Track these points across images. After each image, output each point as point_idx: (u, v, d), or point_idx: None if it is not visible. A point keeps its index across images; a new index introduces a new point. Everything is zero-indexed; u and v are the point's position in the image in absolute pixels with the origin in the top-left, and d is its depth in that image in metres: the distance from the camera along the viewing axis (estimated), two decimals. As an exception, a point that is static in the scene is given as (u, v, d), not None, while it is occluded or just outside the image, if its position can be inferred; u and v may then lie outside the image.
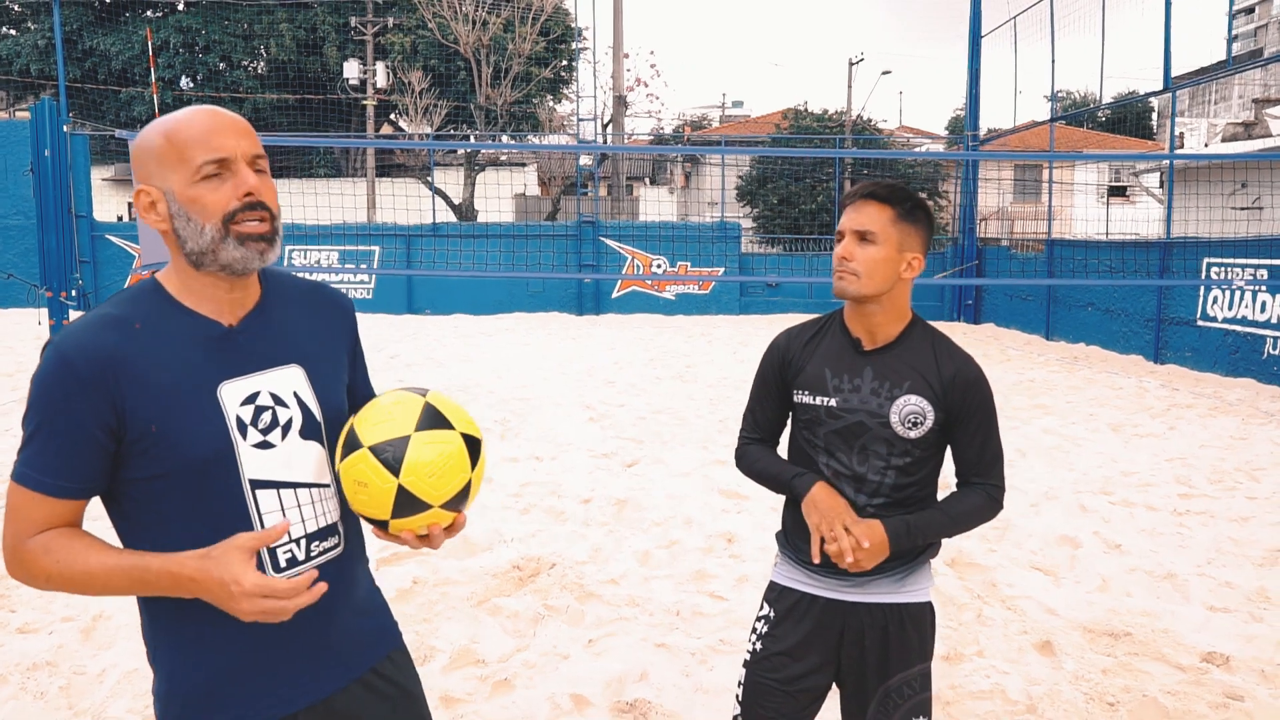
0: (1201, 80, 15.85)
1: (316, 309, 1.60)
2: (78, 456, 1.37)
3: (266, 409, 1.46)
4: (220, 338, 1.45)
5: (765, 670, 2.08)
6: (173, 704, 1.48)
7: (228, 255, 1.40)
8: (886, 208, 1.97)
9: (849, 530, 1.90)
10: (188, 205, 1.38)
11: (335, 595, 1.54)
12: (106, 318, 1.40)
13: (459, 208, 24.46)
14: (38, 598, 4.28)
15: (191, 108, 1.43)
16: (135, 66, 28.61)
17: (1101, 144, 31.34)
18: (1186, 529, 5.25)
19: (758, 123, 33.16)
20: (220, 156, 1.38)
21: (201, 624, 1.44)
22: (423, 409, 1.48)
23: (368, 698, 1.60)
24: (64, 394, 1.35)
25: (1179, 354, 11.89)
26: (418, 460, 1.43)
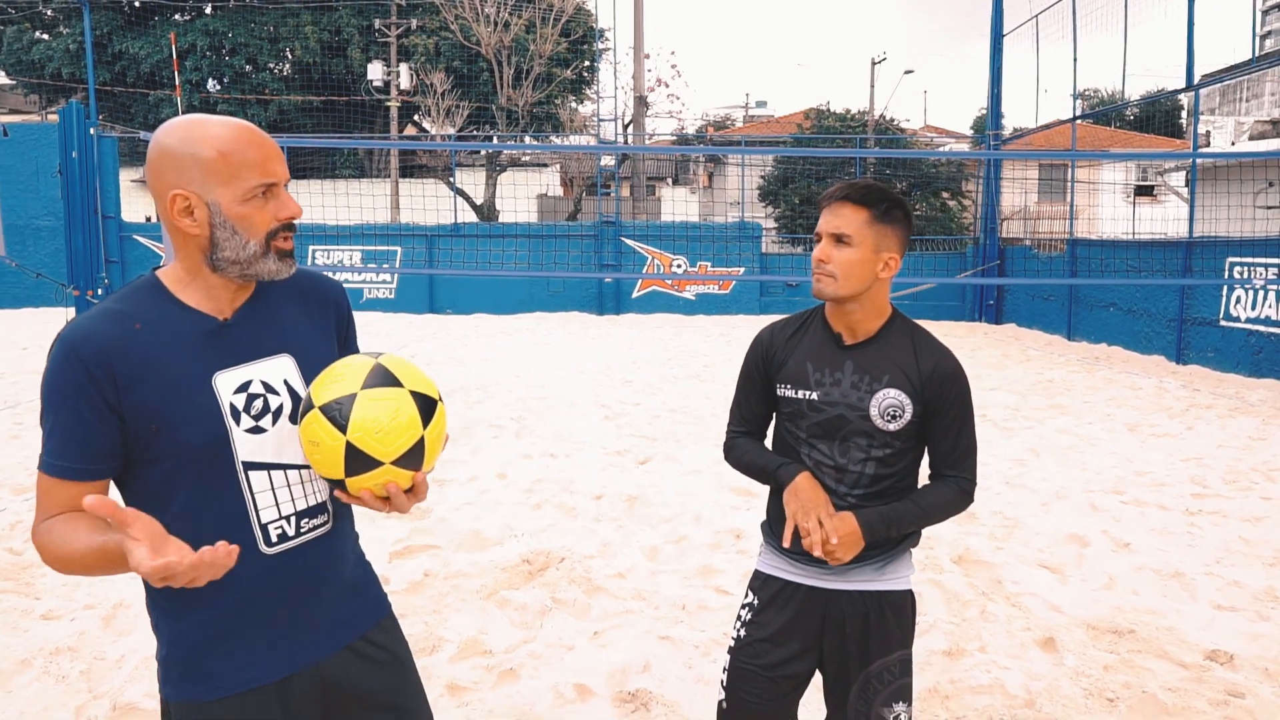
0: (1226, 78, 15.69)
1: (306, 298, 1.68)
2: (88, 439, 1.46)
3: (258, 396, 1.55)
4: (214, 331, 1.54)
5: (748, 656, 2.13)
6: (171, 668, 1.58)
7: (266, 267, 1.52)
8: (862, 210, 2.00)
9: (822, 524, 1.94)
10: (236, 220, 1.49)
11: (324, 569, 1.64)
12: (108, 311, 1.50)
13: (480, 208, 24.63)
14: (61, 585, 4.41)
15: (230, 122, 1.50)
16: (163, 70, 29.02)
17: (1129, 143, 31.03)
18: (1197, 529, 5.24)
19: (780, 122, 33.13)
20: (272, 182, 1.50)
21: (196, 596, 1.53)
22: (371, 368, 1.49)
23: (358, 663, 1.68)
24: (71, 382, 1.44)
25: (1201, 354, 11.79)
26: (364, 417, 1.45)
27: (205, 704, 1.56)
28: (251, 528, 1.54)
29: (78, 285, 8.14)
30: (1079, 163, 20.02)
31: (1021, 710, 3.25)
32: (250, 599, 1.56)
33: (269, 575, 1.57)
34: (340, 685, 1.66)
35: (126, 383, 1.46)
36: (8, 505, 5.60)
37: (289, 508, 1.58)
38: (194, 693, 1.57)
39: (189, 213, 1.49)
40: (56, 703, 3.37)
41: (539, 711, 3.30)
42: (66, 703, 3.36)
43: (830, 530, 1.93)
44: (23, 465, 6.51)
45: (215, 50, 29.60)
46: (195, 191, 1.47)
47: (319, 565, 1.63)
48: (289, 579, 1.59)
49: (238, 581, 1.54)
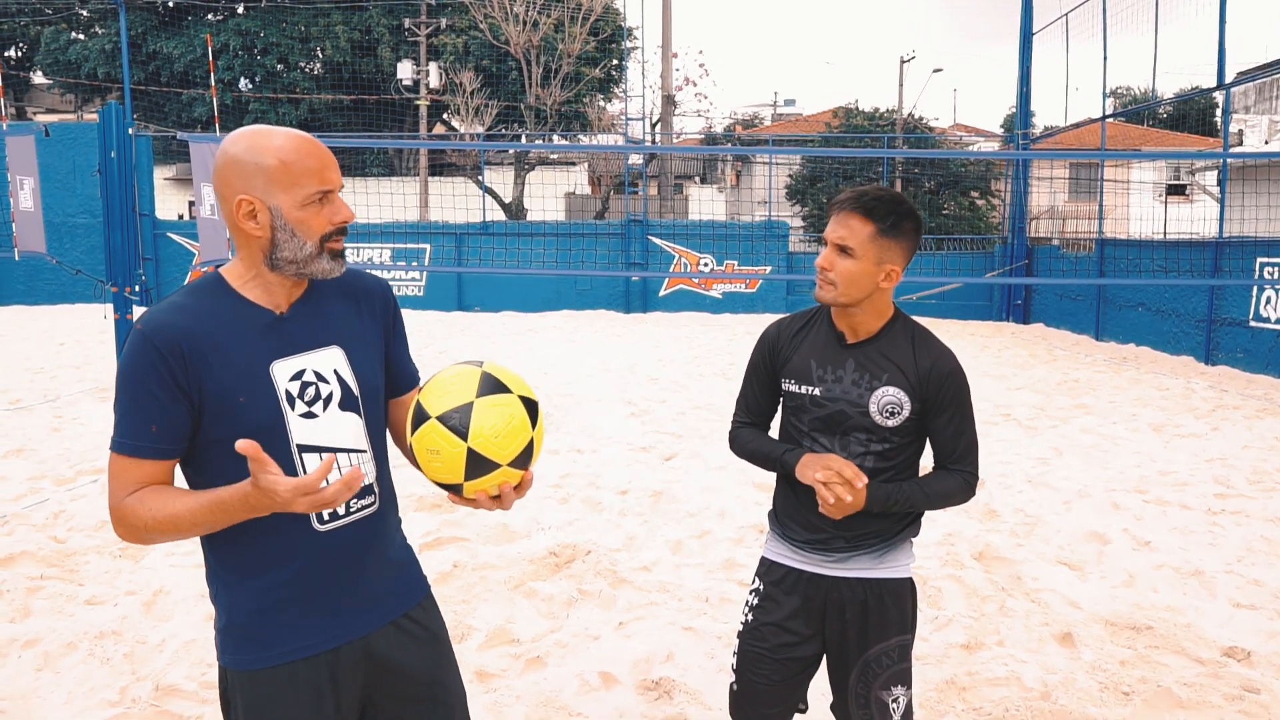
0: (1257, 76, 15.51)
1: (355, 295, 1.82)
2: (163, 421, 1.60)
3: (311, 384, 1.69)
4: (272, 324, 1.68)
5: (756, 640, 2.22)
6: (230, 636, 1.71)
7: (320, 267, 1.67)
8: (869, 223, 2.04)
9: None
10: (295, 224, 1.63)
11: (371, 547, 1.77)
12: (177, 304, 1.65)
13: (509, 206, 24.81)
14: (104, 573, 4.57)
15: (291, 134, 1.65)
16: (196, 69, 29.48)
17: (1161, 141, 30.67)
18: (1219, 528, 5.25)
19: (809, 121, 33.05)
20: (328, 189, 1.65)
21: (254, 568, 1.68)
22: (481, 377, 1.62)
23: (401, 638, 1.80)
24: (146, 367, 1.59)
25: (1231, 355, 11.69)
26: (483, 423, 1.58)
27: (259, 671, 1.69)
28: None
29: (115, 282, 8.34)
30: (1109, 162, 19.86)
31: (1037, 702, 3.31)
32: (304, 572, 1.69)
33: (321, 550, 1.70)
34: (384, 658, 1.78)
35: (195, 368, 1.59)
36: (50, 496, 5.79)
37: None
38: (249, 660, 1.69)
39: (253, 216, 1.63)
40: (102, 683, 3.51)
41: (564, 698, 3.40)
42: (111, 684, 3.51)
43: (852, 474, 1.99)
44: (64, 458, 6.70)
45: (247, 50, 30.02)
46: (259, 197, 1.62)
47: (367, 543, 1.75)
48: (339, 554, 1.72)
49: (292, 555, 1.68)
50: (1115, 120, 20.39)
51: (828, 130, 27.31)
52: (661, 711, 3.30)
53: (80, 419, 8.05)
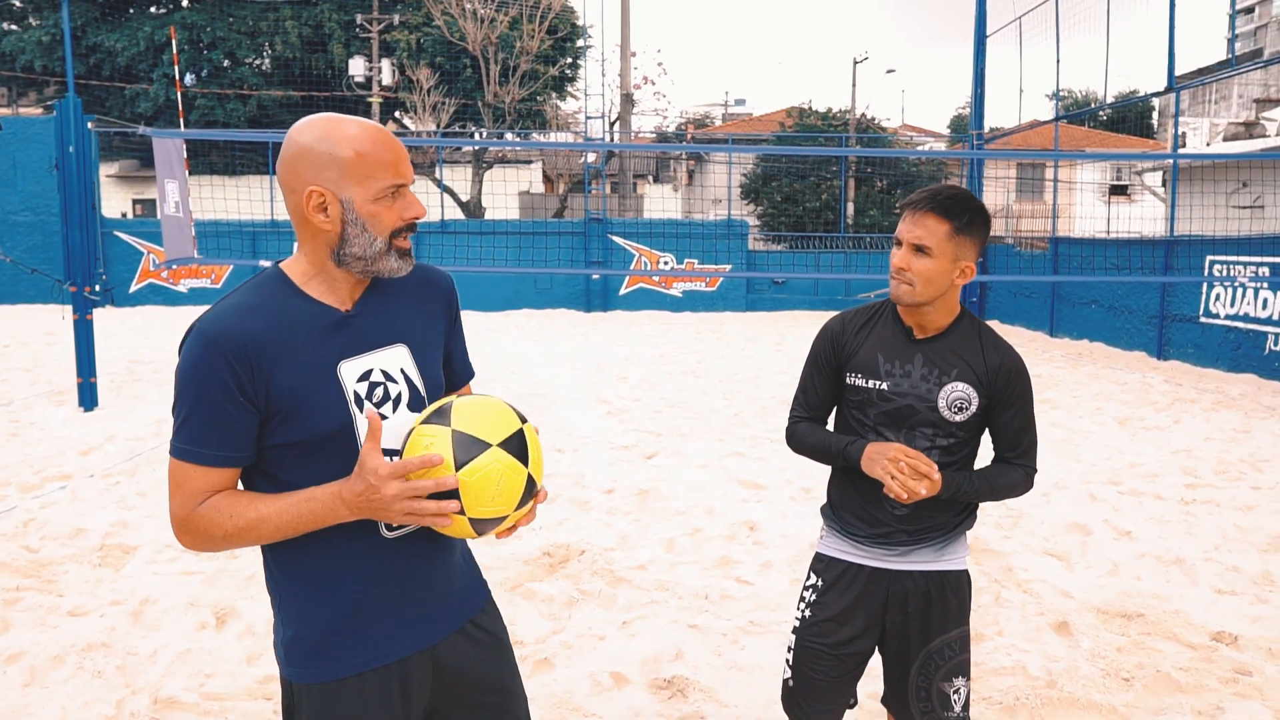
0: (1205, 80, 16.00)
1: (418, 290, 1.75)
2: (231, 429, 1.53)
3: (379, 385, 1.62)
4: (338, 322, 1.61)
5: (814, 635, 2.23)
6: (298, 649, 1.64)
7: (387, 264, 1.60)
8: (944, 222, 2.07)
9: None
10: (367, 218, 1.56)
11: (439, 552, 1.72)
12: (243, 305, 1.56)
13: (466, 205, 24.59)
14: (84, 582, 4.43)
15: (365, 123, 1.58)
16: (140, 63, 28.70)
17: (1103, 143, 31.48)
18: (1193, 517, 5.41)
19: (761, 121, 33.27)
20: (401, 183, 1.59)
21: (323, 579, 1.62)
22: (453, 441, 1.52)
23: (467, 645, 1.76)
24: (213, 374, 1.51)
25: (1182, 350, 12.05)
26: (474, 493, 1.50)
27: (330, 684, 1.63)
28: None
29: (75, 281, 8.10)
30: (1056, 162, 20.32)
31: (1044, 690, 3.37)
32: (374, 581, 1.63)
33: (390, 558, 1.64)
34: (452, 667, 1.73)
35: (265, 374, 1.53)
36: (17, 504, 5.60)
37: None
38: (320, 673, 1.63)
39: (323, 209, 1.56)
40: (96, 698, 3.41)
41: (578, 699, 3.38)
42: (106, 698, 3.40)
43: (928, 466, 2.01)
44: (26, 464, 6.50)
45: (193, 44, 29.31)
46: (330, 189, 1.55)
47: (434, 549, 1.70)
48: (408, 562, 1.66)
49: (363, 564, 1.62)
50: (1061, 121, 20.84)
51: (781, 130, 27.54)
52: (677, 710, 3.30)
53: (38, 423, 7.81)
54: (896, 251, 2.12)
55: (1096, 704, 3.29)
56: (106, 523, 5.23)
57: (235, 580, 4.45)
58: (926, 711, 2.19)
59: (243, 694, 3.44)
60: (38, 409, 8.40)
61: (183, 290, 19.17)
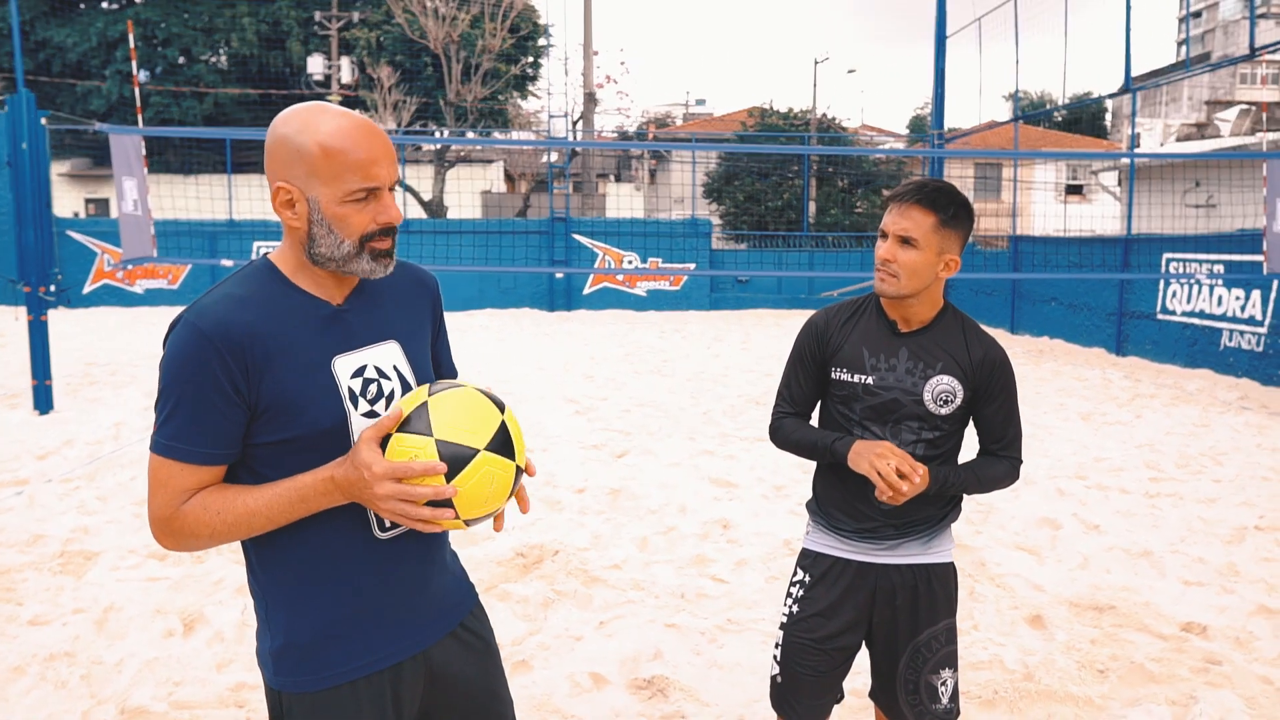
0: (1160, 82, 16.32)
1: (406, 288, 1.71)
2: (219, 425, 1.47)
3: (373, 381, 1.58)
4: (331, 316, 1.56)
5: (802, 630, 2.22)
6: (286, 658, 1.58)
7: (359, 267, 1.53)
8: (930, 214, 2.06)
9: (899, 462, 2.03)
10: (333, 220, 1.49)
11: (431, 554, 1.67)
12: (233, 296, 1.50)
13: (429, 204, 24.38)
14: (44, 590, 4.31)
15: (345, 115, 1.49)
16: (92, 59, 28.09)
17: (1058, 143, 32.01)
18: (1159, 510, 5.50)
19: (723, 120, 33.38)
20: (373, 186, 1.49)
21: (314, 581, 1.57)
22: (439, 451, 1.46)
23: (458, 649, 1.72)
24: (203, 368, 1.44)
25: (1140, 346, 12.27)
26: (471, 501, 1.47)
27: (321, 692, 1.58)
28: (367, 512, 1.56)
29: (29, 281, 7.89)
30: (1010, 162, 20.62)
31: (1022, 683, 3.40)
32: (367, 585, 1.59)
33: (383, 560, 1.60)
34: (443, 671, 1.69)
35: (258, 369, 1.47)
36: (-29, 509, 5.43)
37: None
38: (311, 681, 1.57)
39: (290, 205, 1.50)
40: (60, 710, 3.31)
41: (557, 701, 3.35)
42: (71, 709, 3.31)
43: (913, 467, 2.01)
44: (-20, 468, 6.32)
45: (147, 40, 28.74)
46: (298, 186, 1.48)
47: (426, 550, 1.66)
48: (400, 564, 1.62)
49: (355, 565, 1.57)
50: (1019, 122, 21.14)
51: (743, 129, 27.64)
52: (659, 710, 3.28)
53: (-9, 427, 7.60)
54: (882, 244, 2.12)
55: (1073, 695, 3.33)
56: (66, 529, 5.09)
57: (203, 585, 4.35)
58: (915, 704, 2.19)
59: (214, 702, 3.36)
60: (-11, 413, 8.17)
61: (139, 291, 18.78)
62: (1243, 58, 10.25)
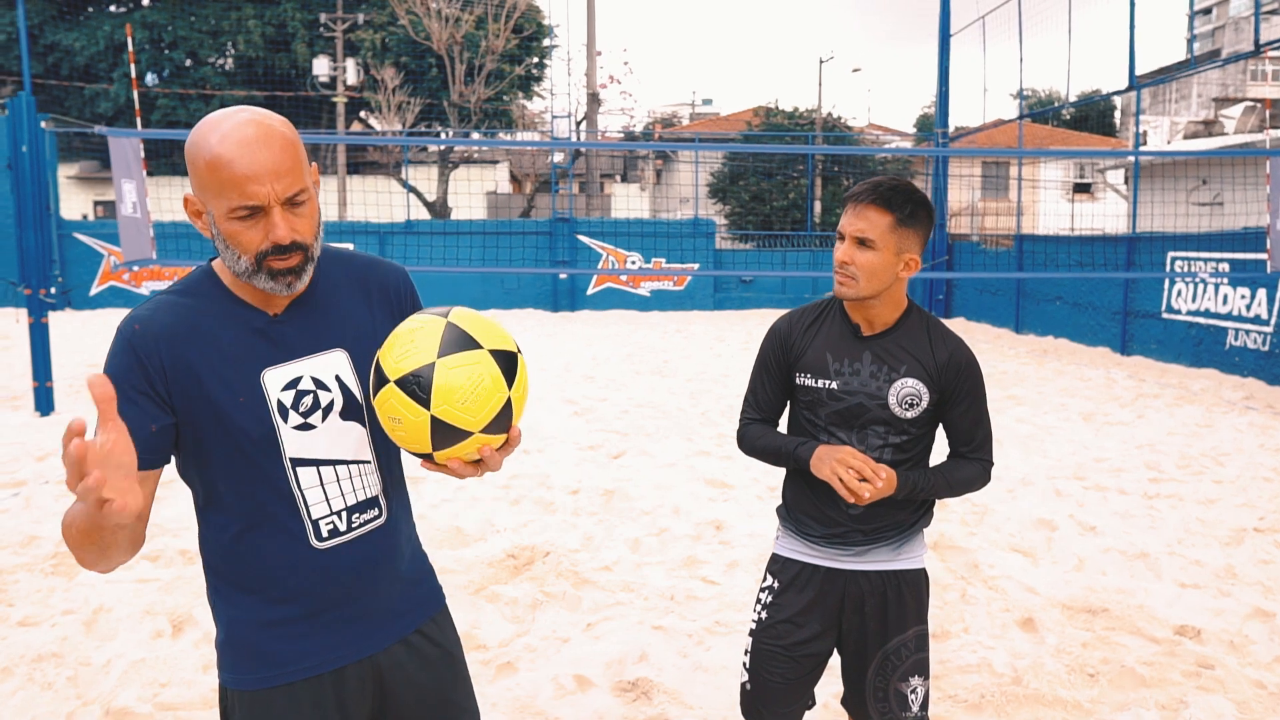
0: (1165, 79, 16.21)
1: (366, 285, 1.65)
2: (134, 426, 1.37)
3: (308, 393, 1.54)
4: (264, 327, 1.53)
5: (771, 637, 2.20)
6: (228, 653, 1.60)
7: (261, 283, 1.47)
8: (886, 214, 2.03)
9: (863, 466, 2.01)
10: (226, 236, 1.44)
11: (379, 562, 1.64)
12: (165, 302, 1.51)
13: (433, 205, 24.41)
14: (35, 591, 4.31)
15: (239, 126, 1.40)
16: (100, 62, 28.20)
17: (1066, 141, 31.87)
18: (1157, 511, 5.45)
19: (728, 120, 33.34)
20: (253, 205, 1.40)
21: (251, 587, 1.57)
22: (444, 331, 1.40)
23: (410, 657, 1.69)
24: (124, 370, 1.45)
25: (1145, 346, 12.19)
26: (447, 388, 1.36)
27: (261, 691, 1.58)
28: (303, 522, 1.55)
29: (29, 284, 7.91)
30: (1021, 160, 20.53)
31: (1010, 687, 3.37)
32: (304, 591, 1.57)
33: (322, 569, 1.57)
34: (393, 678, 1.67)
35: (177, 373, 1.46)
36: (-32, 511, 5.45)
37: (339, 503, 1.57)
38: (250, 680, 1.58)
39: (199, 216, 1.47)
40: (46, 711, 3.31)
41: (540, 703, 3.33)
42: (56, 710, 3.31)
43: (874, 471, 1.98)
44: (-22, 470, 6.33)
45: (154, 43, 28.85)
46: (200, 197, 1.45)
47: (373, 559, 1.62)
48: (342, 573, 1.59)
49: (291, 574, 1.56)
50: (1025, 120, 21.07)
51: (749, 129, 27.58)
52: (641, 713, 3.26)
53: (-10, 430, 7.62)
54: (840, 246, 2.08)
55: (1061, 700, 3.29)
56: (61, 530, 5.10)
57: (193, 587, 4.35)
58: (884, 712, 2.17)
59: (198, 703, 3.35)
60: (-11, 414, 8.20)
61: (144, 293, 18.84)
62: (1248, 54, 10.18)
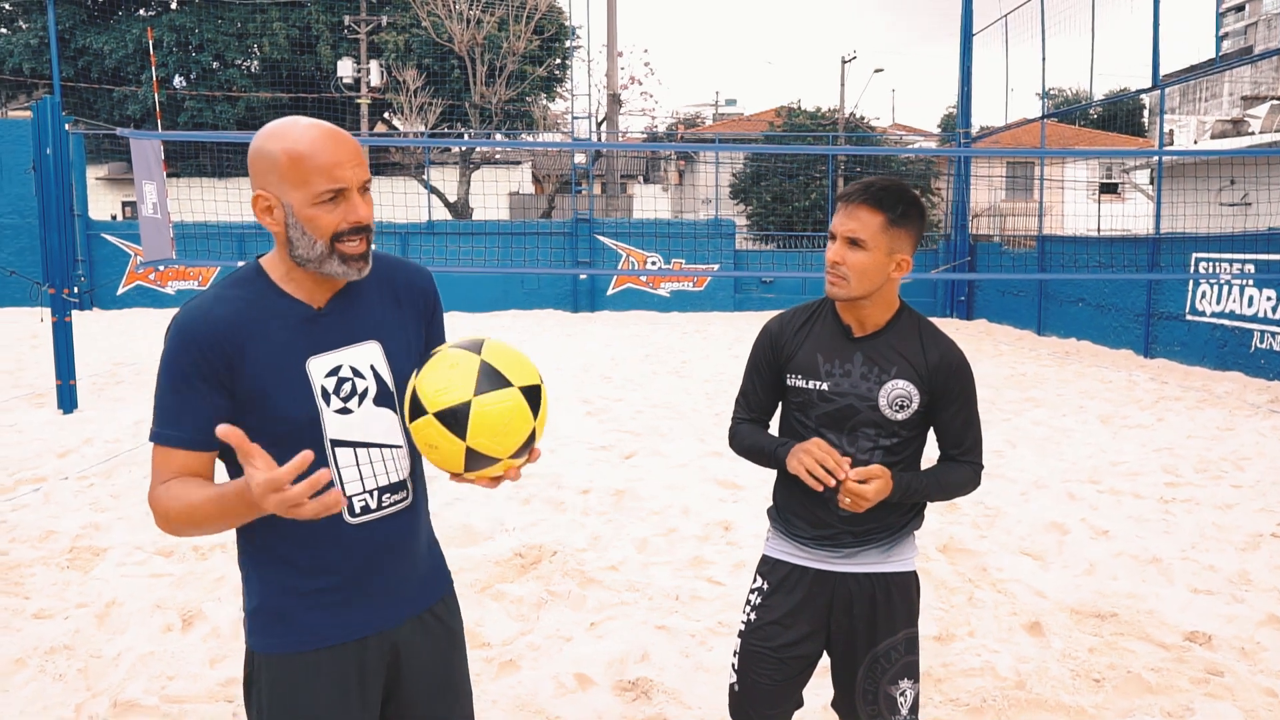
0: (1189, 78, 16.01)
1: (394, 286, 1.79)
2: (198, 413, 1.60)
3: (347, 380, 1.69)
4: (309, 319, 1.68)
5: (759, 639, 2.20)
6: (258, 619, 1.72)
7: (331, 268, 1.63)
8: (877, 214, 2.02)
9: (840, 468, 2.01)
10: (304, 222, 1.59)
11: (402, 541, 1.77)
12: (219, 297, 1.65)
13: (454, 206, 24.53)
14: (51, 585, 4.39)
15: (311, 125, 1.59)
16: (129, 65, 28.57)
17: (1093, 141, 31.51)
18: (1172, 515, 5.39)
19: (751, 121, 33.26)
20: (340, 188, 1.59)
21: (284, 557, 1.70)
22: (479, 369, 1.58)
23: (421, 634, 1.81)
24: (184, 360, 1.60)
25: (1169, 348, 12.05)
26: (482, 424, 1.55)
27: (287, 655, 1.70)
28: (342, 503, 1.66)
29: (53, 283, 8.04)
30: (1046, 160, 20.33)
31: (1013, 691, 3.34)
32: (334, 563, 1.70)
33: (352, 544, 1.70)
34: (406, 654, 1.79)
35: (232, 362, 1.60)
36: (-11, 506, 5.55)
37: (372, 483, 1.71)
38: (276, 644, 1.70)
39: (269, 211, 1.62)
40: (56, 701, 3.36)
41: (540, 701, 3.34)
42: (66, 701, 3.36)
43: (837, 463, 1.98)
44: (2, 467, 6.44)
45: (181, 46, 29.18)
46: (274, 193, 1.60)
47: (398, 537, 1.76)
48: (370, 548, 1.72)
49: (323, 546, 1.69)
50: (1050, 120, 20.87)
51: (771, 129, 27.51)
52: (640, 712, 3.26)
53: (16, 425, 7.75)
54: (831, 246, 2.08)
55: (1064, 705, 3.26)
56: (78, 525, 5.18)
57: (204, 583, 4.41)
58: (873, 715, 2.16)
59: (204, 696, 3.39)
60: (17, 411, 8.34)
61: (170, 292, 19.08)
62: (1274, 51, 10.02)
